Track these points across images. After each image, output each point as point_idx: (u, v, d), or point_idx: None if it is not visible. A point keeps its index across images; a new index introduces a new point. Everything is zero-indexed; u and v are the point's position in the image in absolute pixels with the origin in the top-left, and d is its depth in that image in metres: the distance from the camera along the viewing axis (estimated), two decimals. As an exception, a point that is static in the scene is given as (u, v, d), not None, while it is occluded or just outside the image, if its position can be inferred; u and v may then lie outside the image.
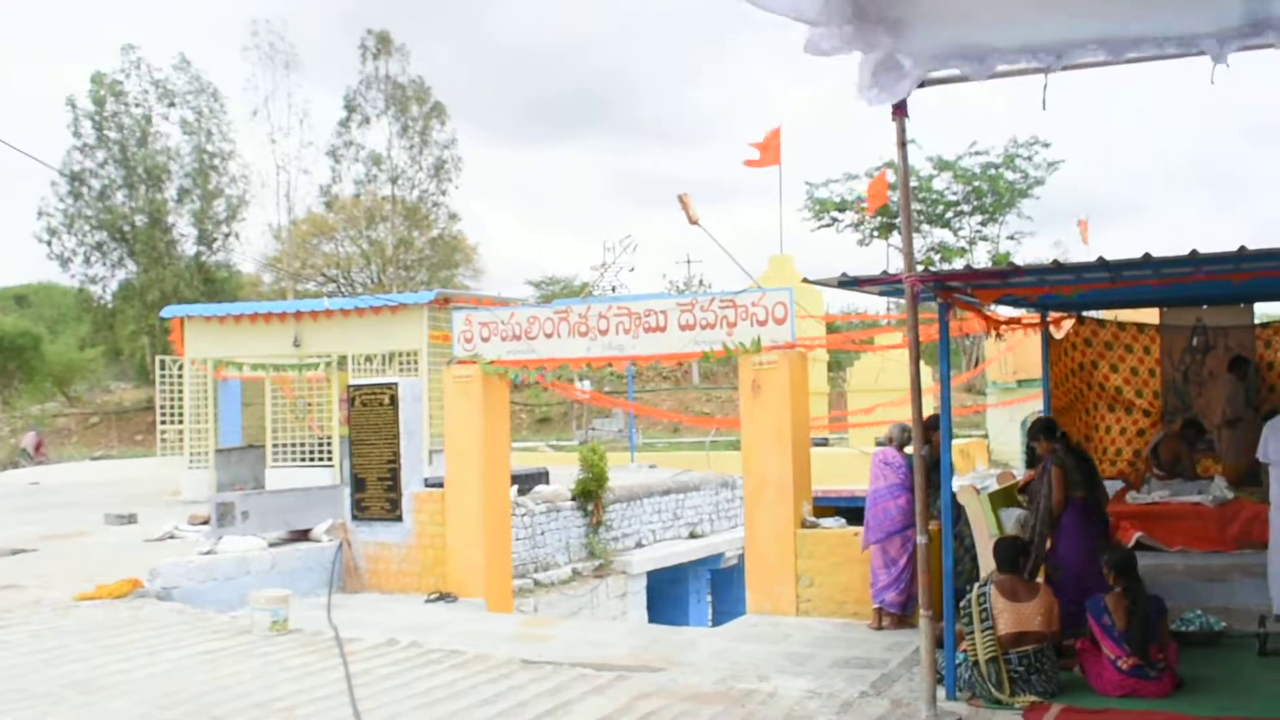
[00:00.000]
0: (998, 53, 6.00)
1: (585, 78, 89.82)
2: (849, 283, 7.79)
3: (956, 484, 9.73)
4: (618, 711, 7.37)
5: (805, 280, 8.40)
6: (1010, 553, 7.79)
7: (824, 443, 25.99)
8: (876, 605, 9.95)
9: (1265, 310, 22.60)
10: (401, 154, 51.35)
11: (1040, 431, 9.49)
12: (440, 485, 13.01)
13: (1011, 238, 44.67)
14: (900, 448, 10.05)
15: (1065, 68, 6.06)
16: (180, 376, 22.38)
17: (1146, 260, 7.14)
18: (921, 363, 7.75)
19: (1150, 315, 13.80)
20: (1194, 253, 6.90)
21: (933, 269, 12.33)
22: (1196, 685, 7.44)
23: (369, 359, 21.37)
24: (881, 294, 8.82)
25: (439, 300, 19.42)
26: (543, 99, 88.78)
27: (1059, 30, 5.85)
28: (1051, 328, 12.62)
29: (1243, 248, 6.81)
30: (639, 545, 18.01)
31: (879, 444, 10.40)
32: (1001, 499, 9.97)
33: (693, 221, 13.01)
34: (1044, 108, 5.97)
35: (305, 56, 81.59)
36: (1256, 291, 11.83)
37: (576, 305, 12.31)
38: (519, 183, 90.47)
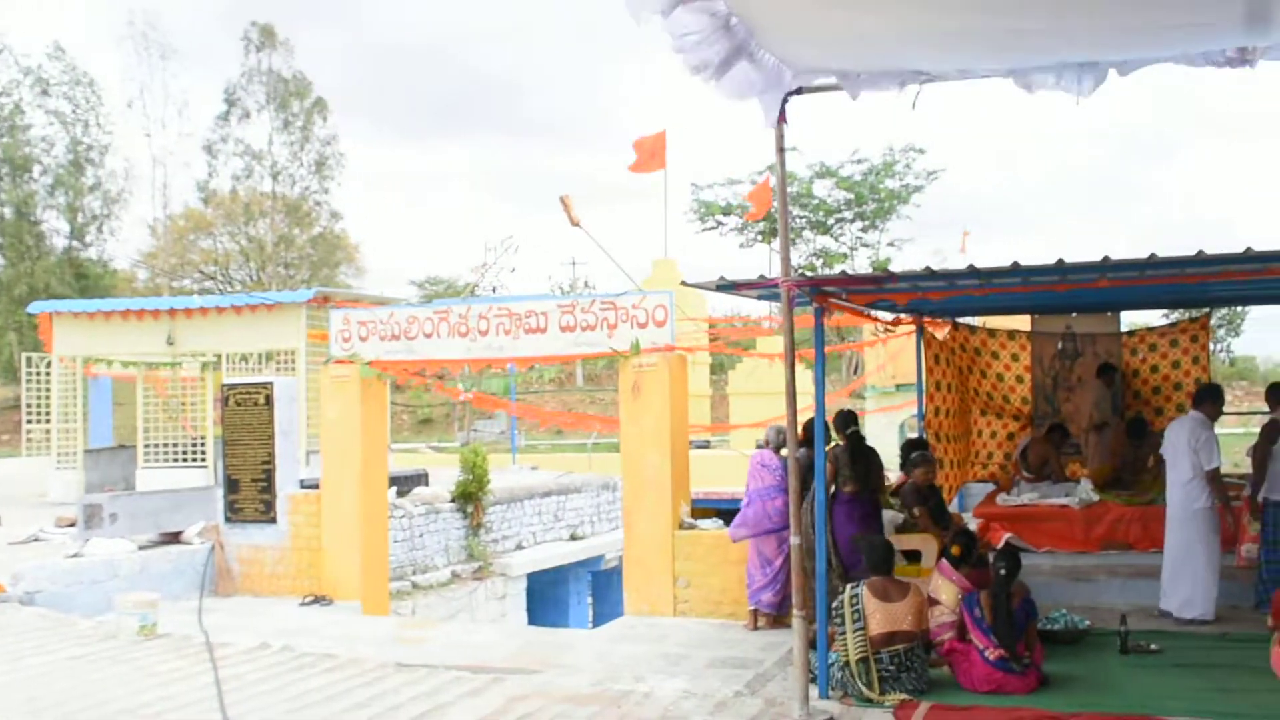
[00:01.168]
0: (868, 74, 6.14)
1: (471, 76, 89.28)
2: (726, 286, 7.86)
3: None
4: (493, 714, 7.33)
5: (684, 283, 8.46)
6: (882, 553, 7.93)
7: (705, 445, 26.18)
8: (753, 606, 10.04)
9: (1132, 318, 23.32)
10: (282, 149, 50.60)
11: (837, 423, 9.76)
12: (316, 487, 12.84)
13: (892, 244, 45.50)
14: (777, 450, 10.18)
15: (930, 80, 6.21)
16: (48, 374, 21.76)
17: (1015, 269, 7.33)
18: (803, 367, 7.87)
19: (1023, 322, 14.19)
20: (1060, 262, 7.09)
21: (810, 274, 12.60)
22: (1060, 682, 7.65)
23: (245, 358, 21.01)
24: (759, 298, 8.91)
25: (318, 299, 19.15)
26: (428, 97, 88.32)
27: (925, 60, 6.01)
28: (935, 332, 12.87)
29: (1106, 258, 7.02)
30: (519, 547, 17.97)
31: (759, 446, 10.52)
32: (875, 501, 10.14)
33: (574, 223, 13.02)
34: (913, 108, 6.09)
35: (186, 48, 79.98)
36: (1123, 300, 12.22)
37: (456, 305, 12.23)
38: (404, 181, 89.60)
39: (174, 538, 13.03)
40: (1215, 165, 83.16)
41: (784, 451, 10.01)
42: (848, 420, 9.98)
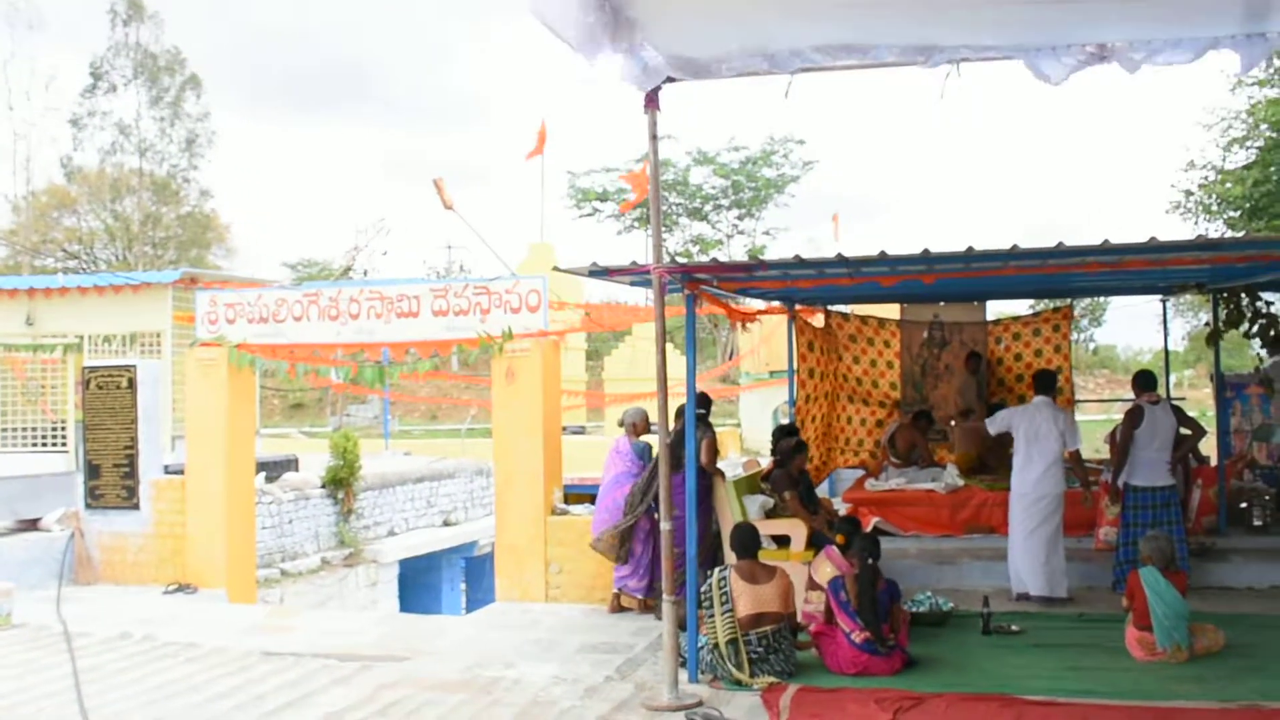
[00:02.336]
0: (732, 58, 6.17)
1: (349, 57, 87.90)
2: (599, 272, 7.86)
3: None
4: (360, 702, 7.27)
5: (556, 269, 8.44)
6: (749, 538, 8.01)
7: (580, 431, 26.19)
8: (616, 590, 10.10)
9: (999, 308, 23.87)
10: (151, 125, 49.12)
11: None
12: (182, 472, 12.54)
13: (767, 233, 45.93)
14: (637, 433, 10.24)
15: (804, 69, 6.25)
16: (-101, 355, 20.89)
17: (883, 258, 7.45)
18: (680, 353, 7.90)
19: (893, 311, 14.44)
20: (926, 251, 7.22)
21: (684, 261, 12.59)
22: (925, 662, 7.81)
23: (108, 340, 20.37)
24: (632, 284, 8.92)
25: (185, 280, 18.63)
26: (305, 76, 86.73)
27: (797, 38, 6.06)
28: (810, 319, 13.03)
29: (970, 248, 7.16)
30: (391, 534, 17.79)
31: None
32: (746, 486, 10.24)
33: (447, 206, 12.89)
34: (785, 96, 6.13)
35: (56, 21, 77.21)
36: (989, 290, 12.51)
37: (327, 289, 12.04)
38: (279, 161, 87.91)
39: (32, 525, 12.65)
40: (1087, 159, 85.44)
41: (647, 437, 10.13)
42: (706, 402, 10.11)
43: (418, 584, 18.45)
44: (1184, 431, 9.93)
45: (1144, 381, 10.06)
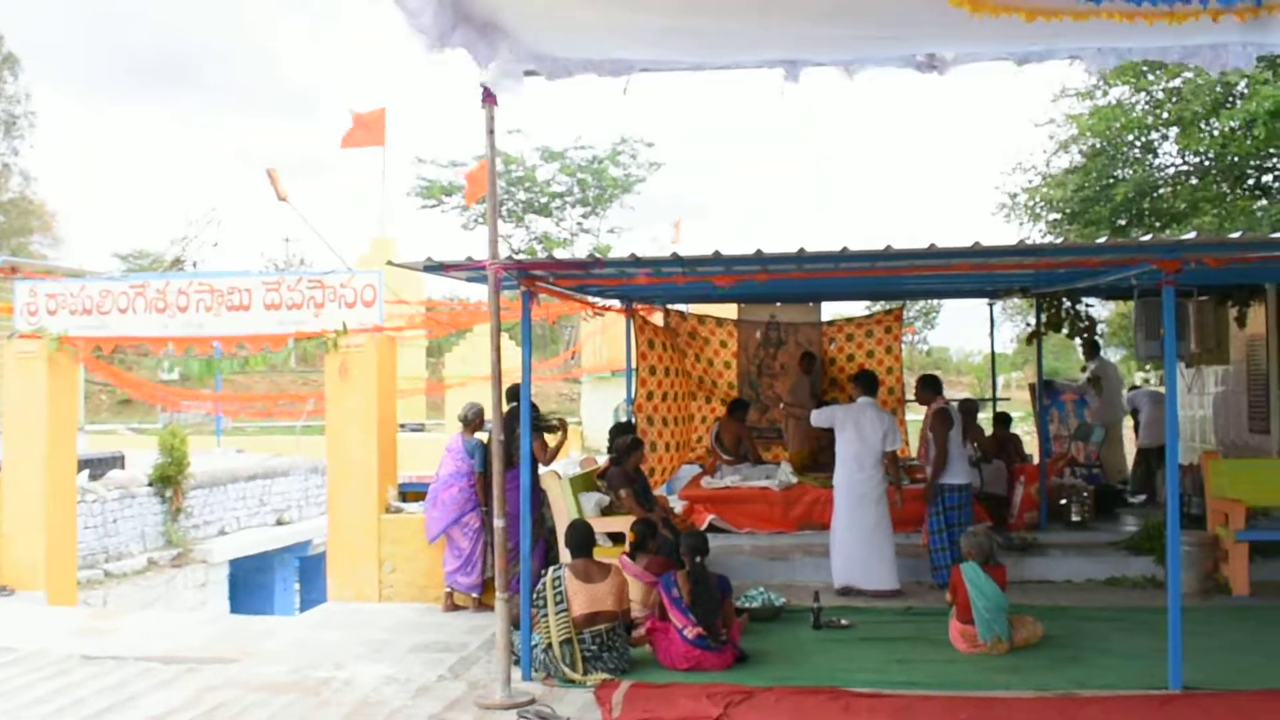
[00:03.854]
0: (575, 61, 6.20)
1: (186, 40, 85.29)
2: (434, 267, 7.80)
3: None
4: (183, 705, 7.12)
5: (391, 263, 8.35)
6: (583, 536, 8.04)
7: (420, 428, 25.92)
8: (448, 588, 10.06)
9: (838, 309, 24.38)
10: (-36, 106, 46.96)
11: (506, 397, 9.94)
12: (-2, 469, 12.06)
13: (612, 231, 46.03)
14: (472, 430, 10.21)
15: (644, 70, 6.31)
16: None
17: (717, 257, 7.55)
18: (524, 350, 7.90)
19: (732, 311, 14.66)
20: (759, 252, 7.34)
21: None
22: (757, 657, 7.95)
23: (-81, 332, 19.48)
24: (468, 280, 8.88)
25: (4, 269, 17.93)
26: (139, 59, 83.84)
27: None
28: (650, 318, 13.11)
29: (802, 249, 7.30)
30: (222, 533, 17.38)
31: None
32: (582, 483, 10.26)
33: (281, 198, 12.64)
34: (624, 93, 6.17)
35: None
36: (823, 291, 12.77)
37: (155, 280, 11.67)
38: (109, 148, 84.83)
39: None
40: (925, 162, 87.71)
41: (481, 434, 10.11)
42: (511, 395, 10.10)
43: (250, 585, 18.04)
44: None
45: (937, 385, 10.46)
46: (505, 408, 9.91)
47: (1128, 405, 14.43)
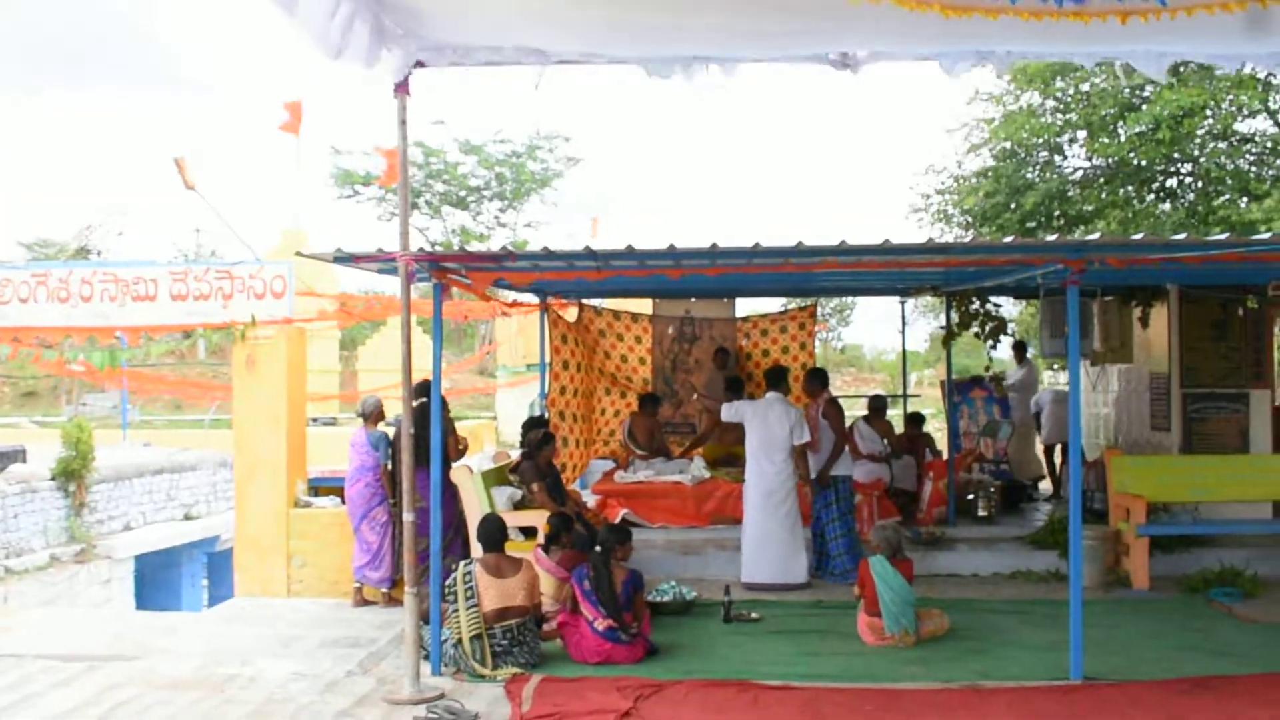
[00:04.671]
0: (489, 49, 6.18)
1: (93, 23, 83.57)
2: (344, 259, 7.73)
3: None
4: (84, 704, 6.99)
5: (300, 254, 8.25)
6: (495, 530, 8.02)
7: (332, 422, 25.65)
8: (357, 583, 10.00)
9: (753, 306, 24.48)
10: None
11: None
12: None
13: (529, 225, 45.83)
14: (374, 423, 10.15)
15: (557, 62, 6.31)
16: None
17: (630, 252, 7.55)
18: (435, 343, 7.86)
19: (647, 306, 14.69)
20: (672, 247, 7.35)
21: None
22: (667, 651, 8.00)
23: None
24: (380, 272, 8.80)
25: (-99, 258, 17.52)
26: (42, 41, 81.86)
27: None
28: (562, 312, 13.09)
29: (715, 245, 7.33)
30: (128, 528, 17.07)
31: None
32: (494, 478, 10.23)
33: (189, 186, 12.42)
34: (536, 88, 6.16)
35: None
36: (738, 287, 12.83)
37: (57, 269, 11.42)
38: (12, 133, 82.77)
39: None
40: (840, 162, 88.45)
41: (384, 426, 10.07)
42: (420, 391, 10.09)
43: (156, 581, 17.74)
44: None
45: (826, 378, 10.61)
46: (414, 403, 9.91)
47: (1033, 406, 14.70)
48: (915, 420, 13.08)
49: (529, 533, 9.63)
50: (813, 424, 10.40)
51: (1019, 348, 15.30)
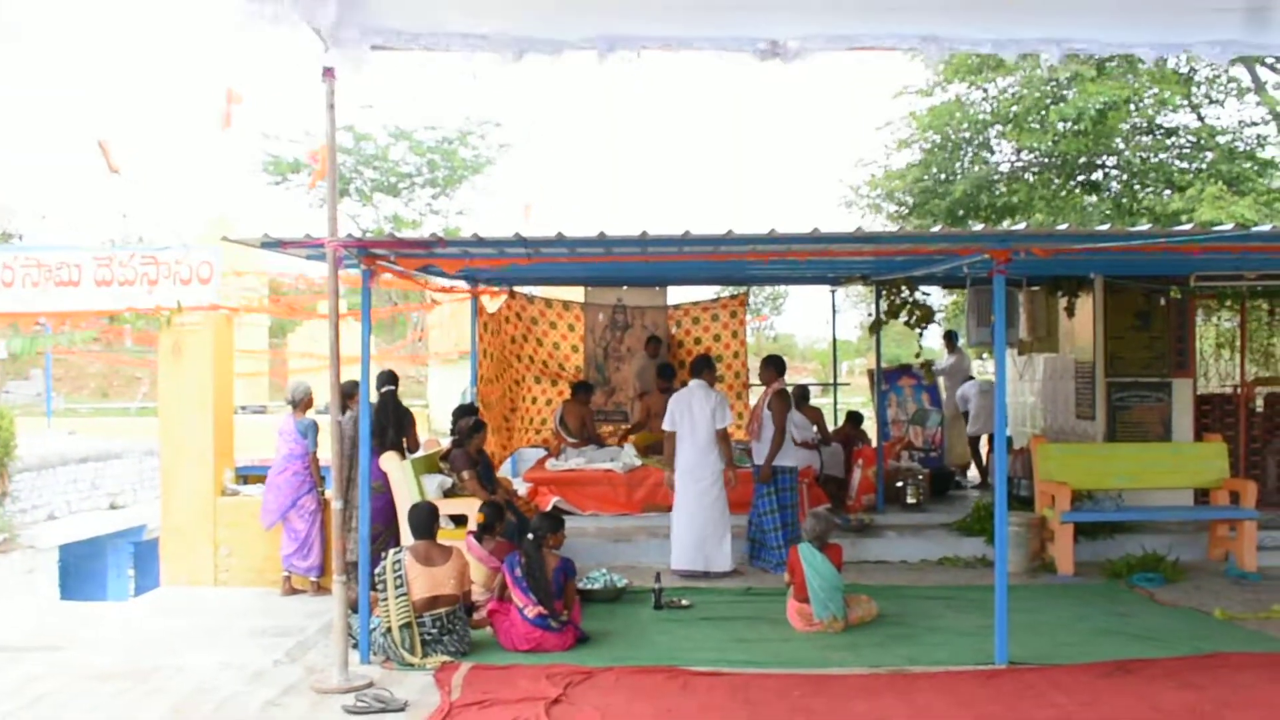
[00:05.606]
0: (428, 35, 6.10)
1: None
2: (271, 244, 7.64)
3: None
4: (5, 695, 6.91)
5: (226, 239, 8.15)
6: (425, 518, 7.97)
7: (262, 411, 25.39)
8: (286, 572, 9.92)
9: (685, 294, 24.57)
10: None
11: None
12: None
13: (461, 213, 45.54)
14: (302, 410, 10.07)
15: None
16: None
17: (561, 239, 7.54)
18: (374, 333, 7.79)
19: (579, 294, 14.68)
20: (602, 234, 7.35)
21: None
22: (598, 638, 8.02)
23: None
24: (308, 258, 8.71)
25: None
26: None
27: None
28: (487, 300, 13.03)
29: (645, 232, 7.34)
30: (51, 517, 16.75)
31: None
32: (424, 465, 10.17)
33: (114, 170, 12.22)
34: (474, 77, 6.11)
35: None
36: (669, 275, 12.86)
37: (-24, 253, 11.19)
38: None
39: None
40: (774, 154, 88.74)
41: (311, 412, 10.00)
42: (384, 380, 10.06)
43: (81, 571, 17.43)
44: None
45: (781, 366, 10.62)
46: (377, 393, 9.86)
47: (959, 397, 14.85)
48: (854, 420, 13.10)
49: (459, 520, 9.58)
50: (758, 412, 10.43)
51: (949, 337, 15.48)
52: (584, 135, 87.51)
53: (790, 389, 10.64)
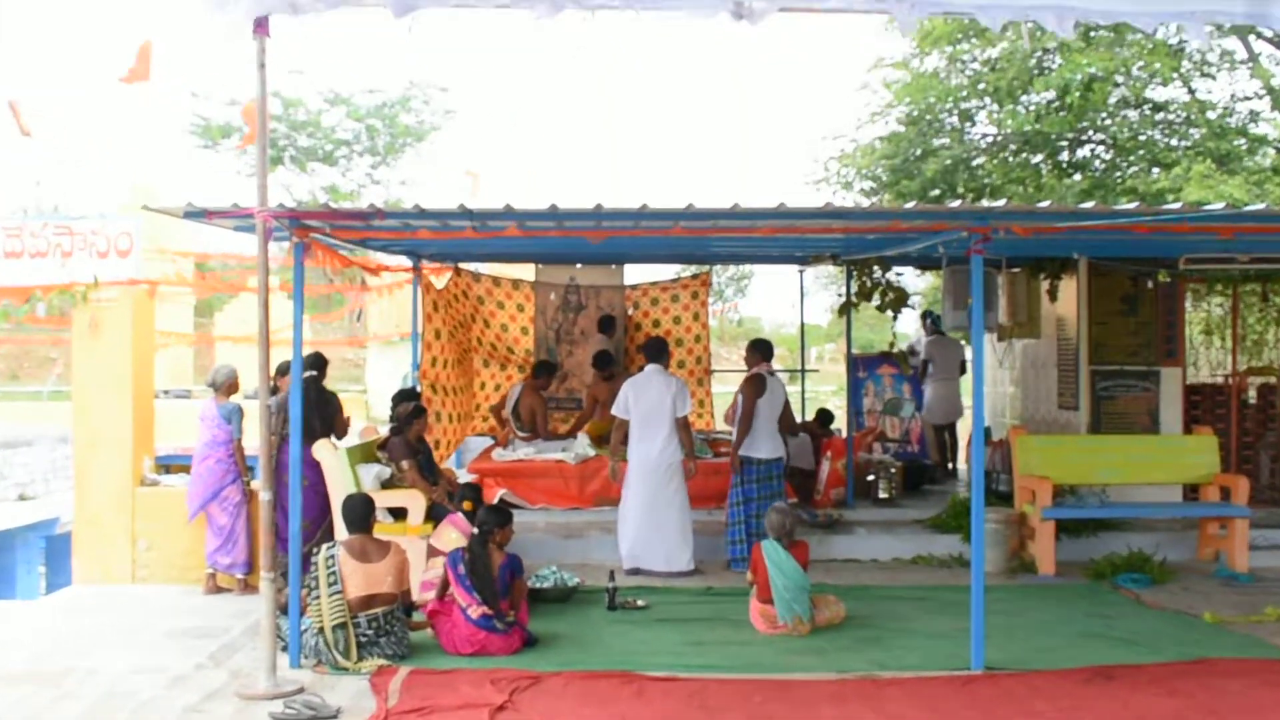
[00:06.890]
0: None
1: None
2: (196, 214, 7.55)
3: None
4: (-106, 703, 6.78)
5: (146, 207, 8.04)
6: (361, 510, 7.90)
7: (186, 395, 25.20)
8: (210, 569, 9.85)
9: (643, 273, 24.50)
10: None
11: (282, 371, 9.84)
12: None
13: (404, 184, 45.26)
14: (226, 394, 9.98)
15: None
16: None
17: (509, 211, 7.49)
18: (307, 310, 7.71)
19: (529, 272, 14.58)
20: (554, 207, 7.30)
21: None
22: (547, 640, 7.98)
23: None
24: (236, 229, 8.62)
25: None
26: None
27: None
28: (434, 278, 12.93)
29: (599, 205, 7.30)
30: (-46, 510, 16.63)
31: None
32: (361, 454, 10.08)
33: (25, 134, 12.03)
34: (410, 31, 6.03)
35: None
36: (626, 252, 12.81)
37: (-128, 224, 11.00)
38: None
39: None
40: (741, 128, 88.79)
41: (236, 397, 9.92)
42: (312, 363, 9.98)
43: (-13, 567, 17.32)
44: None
45: (765, 350, 10.56)
46: (306, 375, 9.77)
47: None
48: (823, 419, 13.02)
49: (398, 513, 9.52)
50: (737, 400, 10.41)
51: (927, 317, 15.38)
52: (537, 102, 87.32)
53: (767, 375, 10.50)
